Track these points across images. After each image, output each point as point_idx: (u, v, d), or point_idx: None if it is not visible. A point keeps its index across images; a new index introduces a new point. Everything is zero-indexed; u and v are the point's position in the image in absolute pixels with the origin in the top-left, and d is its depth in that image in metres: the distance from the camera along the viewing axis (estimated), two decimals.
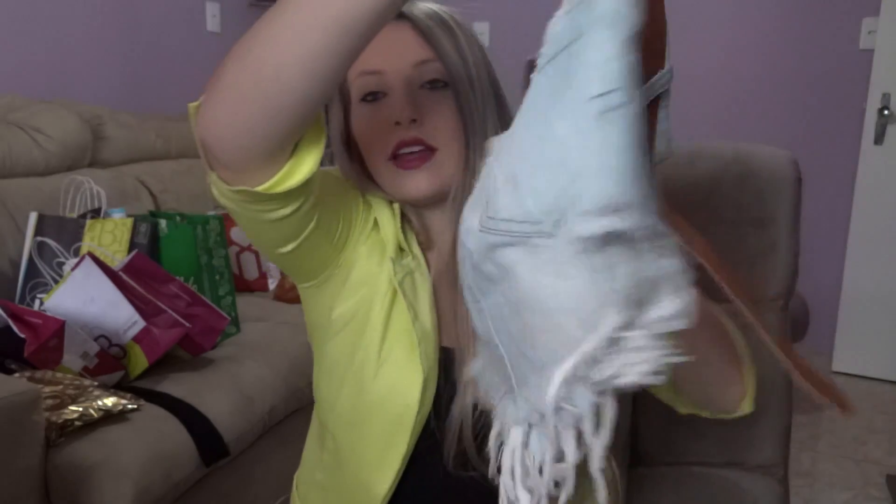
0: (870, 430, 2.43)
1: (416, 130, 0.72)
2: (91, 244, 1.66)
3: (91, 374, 1.36)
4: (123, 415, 1.31)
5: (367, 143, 0.75)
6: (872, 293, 2.81)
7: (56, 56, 2.47)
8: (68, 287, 1.43)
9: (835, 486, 2.07)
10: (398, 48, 0.73)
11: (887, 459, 2.23)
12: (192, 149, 2.66)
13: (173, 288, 1.55)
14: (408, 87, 0.72)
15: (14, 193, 1.87)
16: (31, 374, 1.28)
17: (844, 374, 2.91)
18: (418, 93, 0.73)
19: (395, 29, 0.74)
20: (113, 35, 2.69)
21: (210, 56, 3.15)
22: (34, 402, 1.14)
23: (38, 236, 1.67)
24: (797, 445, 2.29)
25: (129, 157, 2.36)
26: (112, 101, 2.64)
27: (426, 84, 0.73)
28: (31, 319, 1.33)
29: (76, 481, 1.20)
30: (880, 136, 2.72)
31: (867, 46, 2.84)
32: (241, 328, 1.84)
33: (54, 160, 2.05)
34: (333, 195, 0.72)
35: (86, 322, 1.40)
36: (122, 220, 1.69)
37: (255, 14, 3.44)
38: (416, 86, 0.73)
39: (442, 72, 0.73)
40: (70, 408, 1.24)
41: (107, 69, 2.68)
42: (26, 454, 1.14)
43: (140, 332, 1.41)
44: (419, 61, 0.73)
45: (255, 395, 1.56)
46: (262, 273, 2.35)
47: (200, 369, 1.55)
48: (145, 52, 2.83)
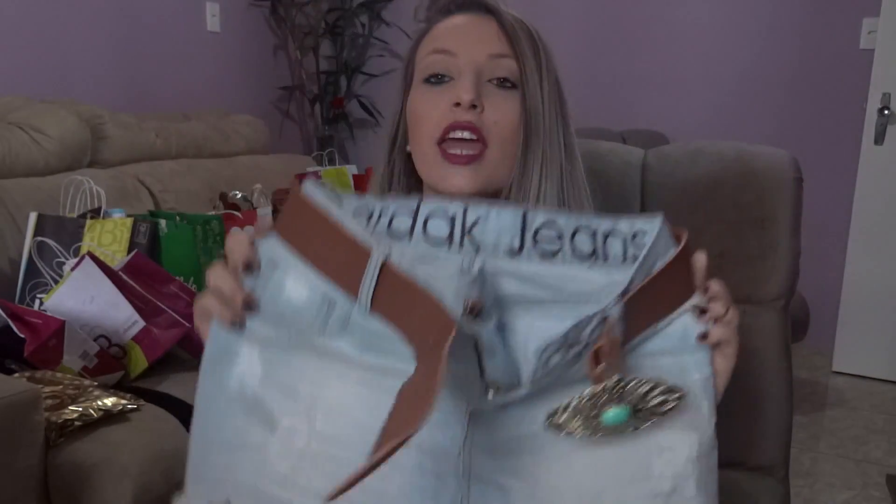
0: (870, 430, 2.43)
1: (473, 116, 0.69)
2: (91, 244, 1.66)
3: (91, 374, 1.36)
4: (123, 415, 1.31)
5: (418, 122, 0.72)
6: (872, 293, 2.81)
7: (56, 56, 2.47)
8: (68, 287, 1.43)
9: (835, 486, 2.07)
10: (476, 35, 0.71)
11: (887, 459, 2.23)
12: (192, 149, 2.66)
13: (173, 288, 1.55)
14: (477, 75, 0.70)
15: (14, 193, 1.87)
16: (31, 374, 1.28)
17: (844, 374, 2.91)
18: (485, 85, 0.70)
19: (478, 20, 0.72)
20: (113, 35, 2.69)
21: (210, 56, 3.15)
22: (34, 402, 1.14)
23: (38, 236, 1.66)
24: (797, 445, 2.29)
25: (128, 157, 2.36)
26: (112, 101, 2.64)
27: (496, 79, 0.71)
28: (31, 319, 1.32)
29: (76, 481, 1.20)
30: (880, 136, 2.72)
31: (867, 46, 2.84)
32: None
33: (54, 160, 2.05)
34: None
35: (86, 322, 1.40)
36: (122, 220, 1.69)
37: (255, 14, 3.44)
38: (485, 78, 0.70)
39: (514, 72, 0.71)
40: (70, 408, 1.24)
41: (107, 69, 2.68)
42: (26, 454, 1.14)
43: (140, 332, 1.41)
44: (495, 54, 0.70)
45: None
46: None
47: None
48: (145, 52, 2.83)
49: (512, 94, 0.71)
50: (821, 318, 2.96)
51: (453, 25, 0.73)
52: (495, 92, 0.70)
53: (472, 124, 0.68)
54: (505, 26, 0.71)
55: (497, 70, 0.70)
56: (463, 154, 0.69)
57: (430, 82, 0.71)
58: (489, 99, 0.70)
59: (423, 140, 0.71)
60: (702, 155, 0.97)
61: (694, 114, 3.19)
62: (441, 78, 0.71)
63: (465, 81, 0.69)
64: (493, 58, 0.70)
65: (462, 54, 0.70)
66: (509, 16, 0.72)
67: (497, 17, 0.71)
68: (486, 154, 0.69)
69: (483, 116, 0.69)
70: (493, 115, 0.69)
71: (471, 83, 0.69)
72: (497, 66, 0.70)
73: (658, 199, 0.97)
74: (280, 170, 2.94)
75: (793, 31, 2.99)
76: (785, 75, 3.02)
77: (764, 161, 0.94)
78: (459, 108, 0.69)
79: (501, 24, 0.71)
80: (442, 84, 0.71)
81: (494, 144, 0.70)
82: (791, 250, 0.94)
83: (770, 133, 3.04)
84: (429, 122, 0.70)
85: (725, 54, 3.11)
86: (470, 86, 0.68)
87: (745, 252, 0.95)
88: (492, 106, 0.69)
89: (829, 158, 2.99)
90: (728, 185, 0.94)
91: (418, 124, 0.72)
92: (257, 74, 3.50)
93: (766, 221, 0.93)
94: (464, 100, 0.68)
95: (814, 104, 3.00)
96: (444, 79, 0.71)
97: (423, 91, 0.72)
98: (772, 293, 0.95)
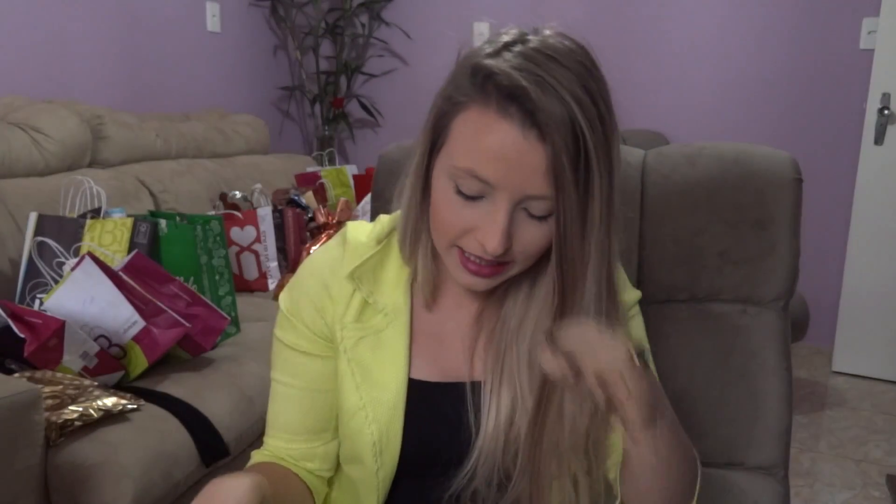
0: (870, 430, 2.43)
1: (497, 256, 0.66)
2: (91, 244, 1.66)
3: (91, 374, 1.36)
4: (123, 415, 1.31)
5: (440, 226, 0.68)
6: (872, 293, 2.81)
7: (56, 56, 2.47)
8: (68, 287, 1.43)
9: (835, 486, 2.07)
10: (525, 173, 0.62)
11: (887, 459, 2.23)
12: (192, 149, 2.66)
13: (173, 288, 1.55)
14: (510, 214, 0.64)
15: (14, 193, 1.87)
16: (31, 374, 1.28)
17: (844, 374, 2.91)
18: (516, 218, 0.65)
19: (532, 148, 0.61)
20: (113, 35, 2.69)
21: (210, 56, 3.15)
22: (34, 402, 1.14)
23: (38, 236, 1.66)
24: (797, 445, 2.29)
25: (129, 157, 2.36)
26: (112, 101, 2.64)
27: (528, 212, 0.65)
28: (31, 319, 1.32)
29: (76, 481, 1.20)
30: (880, 136, 2.72)
31: (867, 46, 2.84)
32: (241, 328, 1.84)
33: (54, 160, 2.05)
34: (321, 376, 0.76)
35: (86, 322, 1.40)
36: (122, 220, 1.69)
37: (255, 14, 3.44)
38: (520, 207, 0.65)
39: (552, 210, 0.64)
40: (70, 408, 1.24)
41: (107, 69, 2.68)
42: (26, 454, 1.14)
43: (140, 332, 1.41)
44: (535, 196, 0.63)
45: (255, 395, 1.56)
46: (262, 273, 2.35)
47: (200, 369, 1.55)
48: (145, 52, 2.83)
49: (546, 221, 0.65)
50: (820, 318, 2.96)
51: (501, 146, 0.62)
52: (526, 222, 0.65)
53: (493, 262, 0.67)
54: (553, 161, 0.61)
55: (534, 209, 0.65)
56: (484, 268, 0.67)
57: (461, 194, 0.65)
58: (518, 230, 0.65)
59: (441, 239, 0.69)
60: (702, 155, 0.97)
61: (694, 114, 3.19)
62: (475, 197, 0.65)
63: (493, 227, 0.64)
64: (532, 199, 0.64)
65: (501, 188, 0.63)
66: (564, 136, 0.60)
67: (550, 149, 0.61)
68: (508, 269, 0.68)
69: (508, 252, 0.66)
70: (519, 247, 0.66)
71: (503, 229, 0.64)
72: (535, 206, 0.64)
73: (658, 200, 0.97)
74: (280, 170, 2.94)
75: (793, 31, 2.99)
76: (785, 75, 3.02)
77: (764, 161, 0.94)
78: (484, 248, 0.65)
79: (551, 157, 0.61)
80: (472, 201, 0.65)
81: (518, 264, 0.68)
82: (791, 250, 0.94)
83: (770, 133, 3.04)
84: (452, 230, 0.66)
85: (725, 54, 3.11)
86: (501, 234, 0.64)
87: (745, 252, 0.95)
88: (519, 239, 0.65)
89: (829, 158, 2.99)
90: (728, 185, 0.94)
91: (440, 229, 0.68)
92: (257, 74, 3.50)
93: (765, 222, 0.93)
94: (490, 251, 0.64)
95: (814, 104, 3.00)
96: (476, 198, 0.65)
97: (452, 196, 0.66)
98: (771, 293, 0.96)
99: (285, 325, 0.77)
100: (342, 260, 0.75)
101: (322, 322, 0.75)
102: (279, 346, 0.79)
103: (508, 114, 0.61)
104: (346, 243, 0.76)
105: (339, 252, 0.76)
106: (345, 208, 2.50)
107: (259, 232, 2.33)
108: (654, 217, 0.97)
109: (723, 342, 0.96)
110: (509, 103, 0.61)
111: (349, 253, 0.75)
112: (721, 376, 0.96)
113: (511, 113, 0.61)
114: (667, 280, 0.97)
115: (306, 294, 0.76)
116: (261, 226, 2.33)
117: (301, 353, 0.76)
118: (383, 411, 0.73)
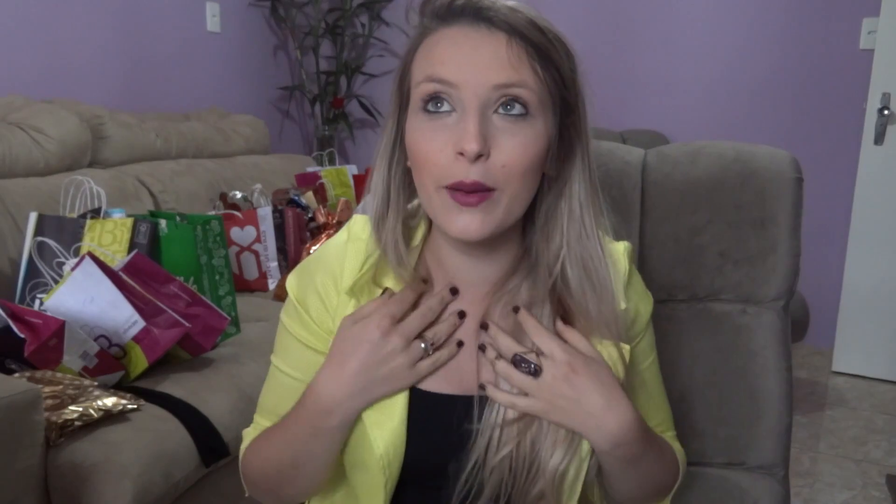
0: (870, 430, 2.43)
1: (478, 170, 0.62)
2: (91, 244, 1.66)
3: (91, 374, 1.36)
4: (123, 415, 1.31)
5: (420, 163, 0.65)
6: (872, 293, 2.81)
7: (56, 56, 2.47)
8: (68, 287, 1.43)
9: (835, 486, 2.07)
10: (483, 62, 0.62)
11: (887, 459, 2.23)
12: (192, 149, 2.66)
13: (173, 288, 1.55)
14: (482, 112, 0.62)
15: (14, 193, 1.87)
16: (31, 374, 1.28)
17: (844, 374, 2.91)
18: (491, 119, 0.63)
19: (481, 36, 0.62)
20: (113, 35, 2.69)
21: (210, 56, 3.15)
22: (34, 402, 1.14)
23: (38, 236, 1.66)
24: (797, 445, 2.29)
25: (129, 157, 2.36)
26: (112, 101, 2.64)
27: (503, 111, 0.63)
28: (31, 319, 1.32)
29: (76, 481, 1.20)
30: (880, 136, 2.72)
31: (867, 46, 2.84)
32: (241, 328, 1.84)
33: (54, 160, 2.05)
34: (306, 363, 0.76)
35: (86, 322, 1.40)
36: (122, 220, 1.69)
37: (255, 14, 3.44)
38: (492, 110, 0.63)
39: (526, 100, 0.63)
40: (70, 408, 1.24)
41: (107, 69, 2.68)
42: (26, 454, 1.14)
43: (140, 332, 1.41)
44: (502, 84, 0.62)
45: (255, 395, 1.54)
46: (262, 273, 2.35)
47: (200, 369, 1.55)
48: (145, 52, 2.83)
49: (523, 125, 0.63)
50: (820, 318, 2.96)
51: (452, 44, 0.63)
52: (503, 127, 0.63)
53: (477, 182, 0.62)
54: (514, 44, 0.62)
55: (504, 106, 0.63)
56: (470, 196, 0.63)
57: (429, 111, 0.64)
58: (496, 139, 0.63)
59: (426, 183, 0.66)
60: (702, 155, 0.97)
61: (694, 114, 3.19)
62: (439, 105, 0.64)
63: (467, 127, 0.62)
64: (500, 88, 0.62)
65: (464, 86, 0.62)
66: (521, 23, 0.62)
67: (506, 34, 0.62)
68: (496, 196, 0.64)
69: (489, 164, 0.63)
70: (500, 158, 0.63)
71: (475, 130, 0.61)
72: (504, 97, 0.62)
73: (658, 199, 0.97)
74: (280, 170, 2.94)
75: (793, 31, 2.99)
76: (785, 75, 3.03)
77: (764, 161, 0.94)
78: (463, 157, 0.62)
79: (511, 40, 0.62)
80: (442, 115, 0.64)
81: (503, 186, 0.64)
82: (791, 250, 0.94)
83: (770, 133, 3.04)
84: (433, 166, 0.64)
85: (725, 54, 3.11)
86: (474, 135, 0.61)
87: (745, 252, 0.95)
88: (498, 147, 0.63)
89: (829, 158, 2.99)
90: (728, 185, 0.94)
91: (421, 165, 0.66)
92: (257, 74, 3.50)
93: (766, 221, 0.93)
94: (468, 151, 0.61)
95: (814, 104, 3.00)
96: (444, 107, 0.64)
97: (421, 122, 0.65)
98: (772, 293, 0.95)
99: (292, 312, 0.76)
100: (344, 261, 0.74)
101: (327, 315, 0.73)
102: (283, 332, 0.77)
103: (456, 21, 0.64)
104: (349, 241, 0.75)
105: (342, 250, 0.74)
106: (345, 208, 2.50)
107: (259, 232, 2.33)
108: (654, 216, 0.97)
109: (723, 342, 0.96)
110: (455, 16, 0.64)
111: (350, 257, 0.73)
112: (721, 376, 0.96)
113: (458, 20, 0.64)
114: (667, 279, 0.97)
115: (312, 282, 0.74)
116: (261, 226, 2.33)
117: (305, 345, 0.75)
118: (386, 420, 0.70)
